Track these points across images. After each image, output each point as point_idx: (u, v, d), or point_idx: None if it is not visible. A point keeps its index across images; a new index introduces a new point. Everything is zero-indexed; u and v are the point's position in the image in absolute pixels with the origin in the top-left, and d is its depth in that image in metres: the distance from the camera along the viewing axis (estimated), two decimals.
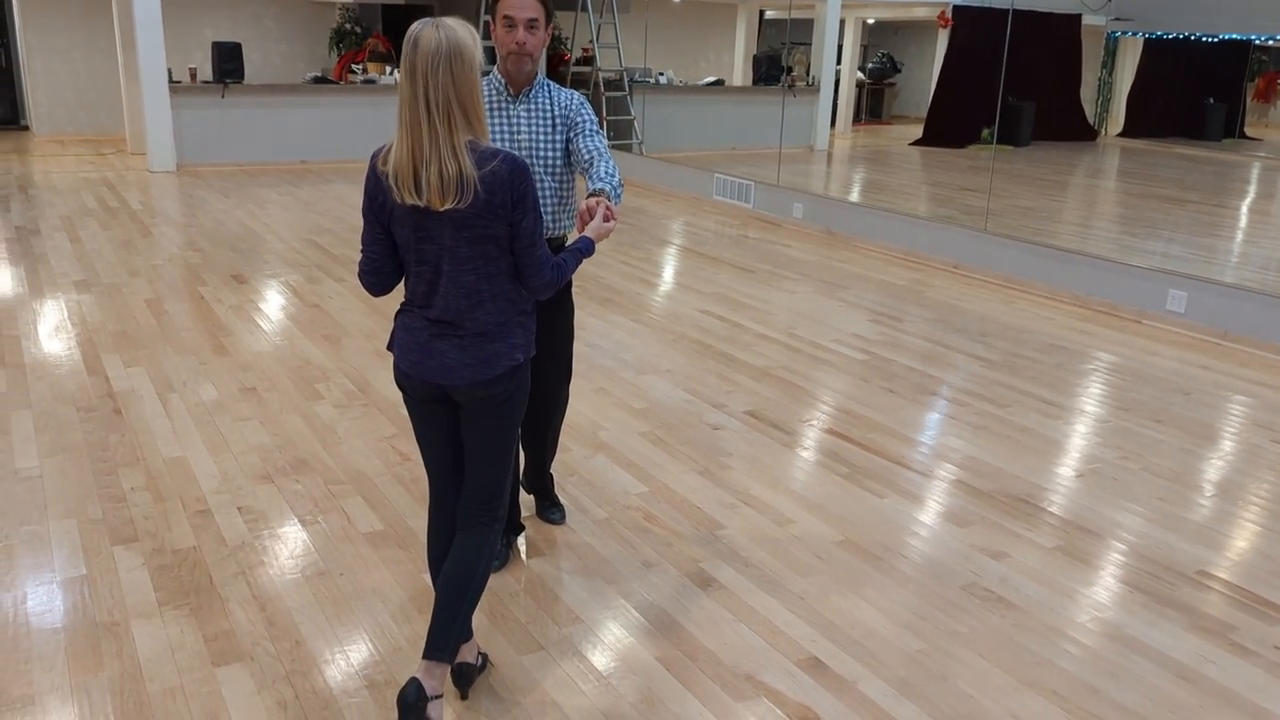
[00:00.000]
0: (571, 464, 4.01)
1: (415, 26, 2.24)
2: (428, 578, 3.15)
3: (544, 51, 3.12)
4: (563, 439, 4.22)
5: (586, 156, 3.06)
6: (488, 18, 11.68)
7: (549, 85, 3.17)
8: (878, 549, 3.46)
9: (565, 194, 3.19)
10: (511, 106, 3.11)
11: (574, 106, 3.14)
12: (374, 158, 2.36)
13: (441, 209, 2.26)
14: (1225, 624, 3.08)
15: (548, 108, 3.13)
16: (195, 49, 13.21)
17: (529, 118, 3.11)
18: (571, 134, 3.13)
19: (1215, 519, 3.77)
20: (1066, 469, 4.18)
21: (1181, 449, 4.41)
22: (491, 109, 3.11)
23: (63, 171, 10.78)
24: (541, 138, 3.12)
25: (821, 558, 3.39)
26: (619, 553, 3.37)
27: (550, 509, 3.61)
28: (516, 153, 2.89)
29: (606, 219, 2.64)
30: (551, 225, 3.15)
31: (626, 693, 2.66)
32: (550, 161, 3.14)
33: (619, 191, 2.99)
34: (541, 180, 3.12)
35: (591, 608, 3.05)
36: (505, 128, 3.12)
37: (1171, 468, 4.21)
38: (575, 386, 4.61)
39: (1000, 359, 5.58)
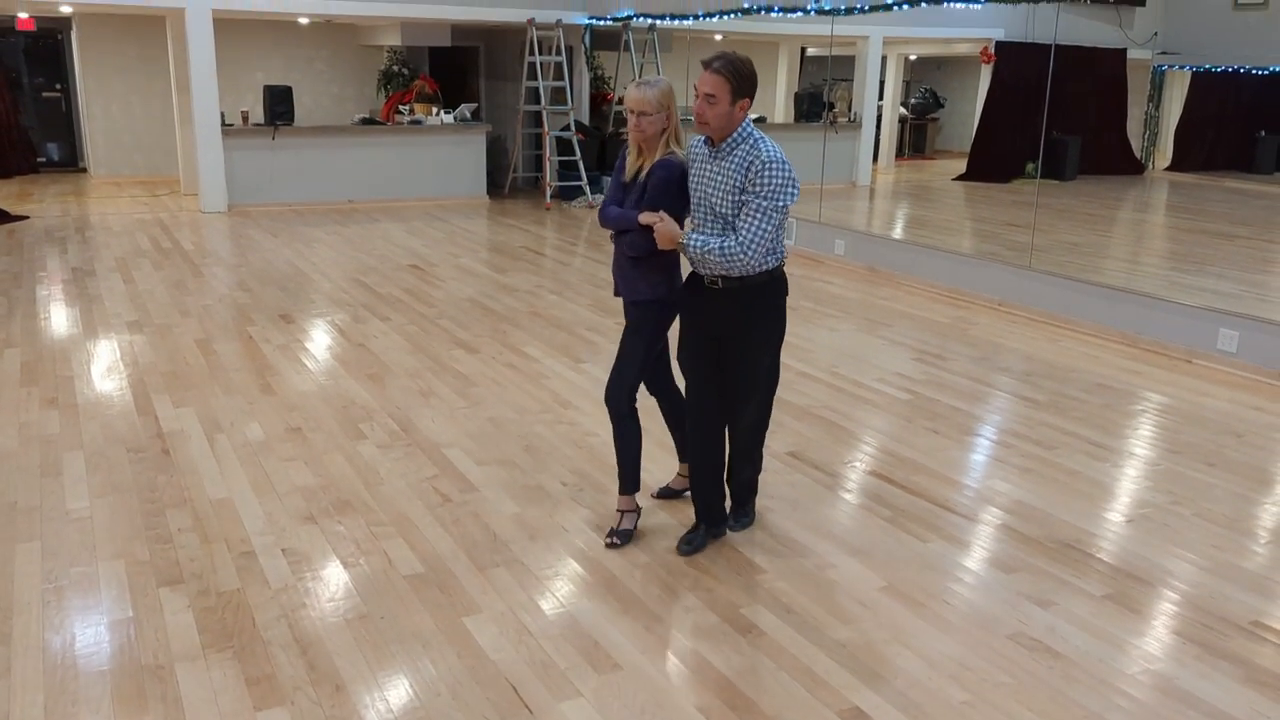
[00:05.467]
0: (611, 506, 4.00)
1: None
2: (468, 621, 3.16)
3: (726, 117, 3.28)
4: (601, 480, 4.22)
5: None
6: None
7: (746, 141, 3.26)
8: (921, 595, 3.41)
9: None
10: (712, 164, 3.33)
11: (754, 170, 3.22)
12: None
13: None
14: None
15: (732, 168, 3.27)
16: (247, 92, 13.54)
17: (719, 175, 3.30)
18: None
19: (1270, 567, 3.68)
20: (1116, 514, 4.10)
21: (1235, 493, 4.31)
22: (695, 163, 3.40)
23: (118, 213, 11.06)
24: (722, 196, 3.30)
25: (864, 604, 3.34)
26: (658, 596, 3.35)
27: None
28: (711, 210, 3.36)
29: (653, 224, 3.32)
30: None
31: None
32: (729, 220, 3.31)
33: (707, 252, 3.27)
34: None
35: (629, 653, 3.03)
36: (701, 183, 3.37)
37: (1224, 513, 4.12)
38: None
39: (1046, 399, 5.50)
